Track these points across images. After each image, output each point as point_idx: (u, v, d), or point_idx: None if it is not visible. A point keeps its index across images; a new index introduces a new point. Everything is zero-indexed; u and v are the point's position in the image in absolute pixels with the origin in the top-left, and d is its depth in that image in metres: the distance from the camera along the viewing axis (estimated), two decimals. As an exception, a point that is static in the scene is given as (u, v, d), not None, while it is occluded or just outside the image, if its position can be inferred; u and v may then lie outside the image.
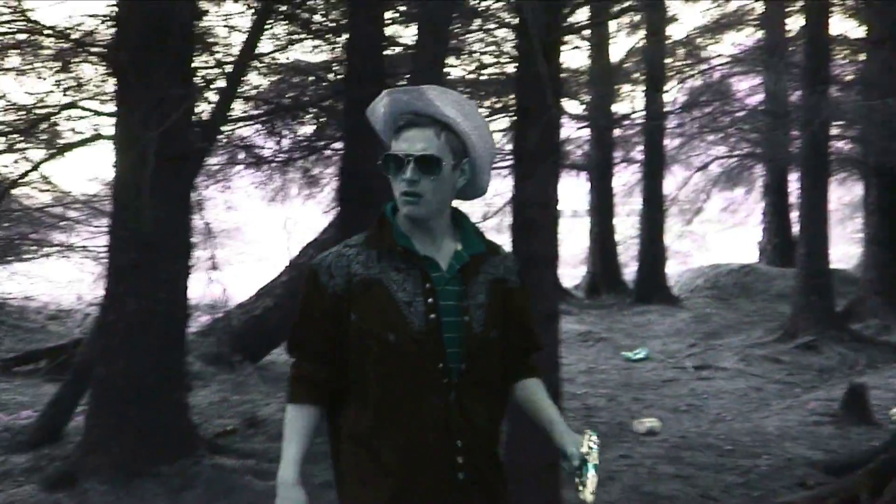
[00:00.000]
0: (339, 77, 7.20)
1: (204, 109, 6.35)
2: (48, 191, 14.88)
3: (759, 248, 17.60)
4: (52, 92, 6.84)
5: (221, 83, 6.23)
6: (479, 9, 7.19)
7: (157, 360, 5.79)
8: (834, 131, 11.96)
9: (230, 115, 6.33)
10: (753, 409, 8.56)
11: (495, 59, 10.42)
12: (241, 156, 7.73)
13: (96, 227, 15.40)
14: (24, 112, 7.30)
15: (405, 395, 2.20)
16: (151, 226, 5.49)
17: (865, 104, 10.46)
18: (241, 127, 6.89)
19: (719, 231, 21.12)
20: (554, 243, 4.79)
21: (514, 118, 4.87)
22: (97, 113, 6.00)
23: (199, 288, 6.41)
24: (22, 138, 6.40)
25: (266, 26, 6.28)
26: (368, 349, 2.21)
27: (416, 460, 2.20)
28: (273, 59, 7.02)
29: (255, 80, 7.15)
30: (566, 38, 5.55)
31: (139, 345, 5.69)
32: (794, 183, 17.61)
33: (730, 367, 10.34)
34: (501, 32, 10.09)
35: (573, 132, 15.92)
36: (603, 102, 14.36)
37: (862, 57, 12.69)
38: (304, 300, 2.32)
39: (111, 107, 6.41)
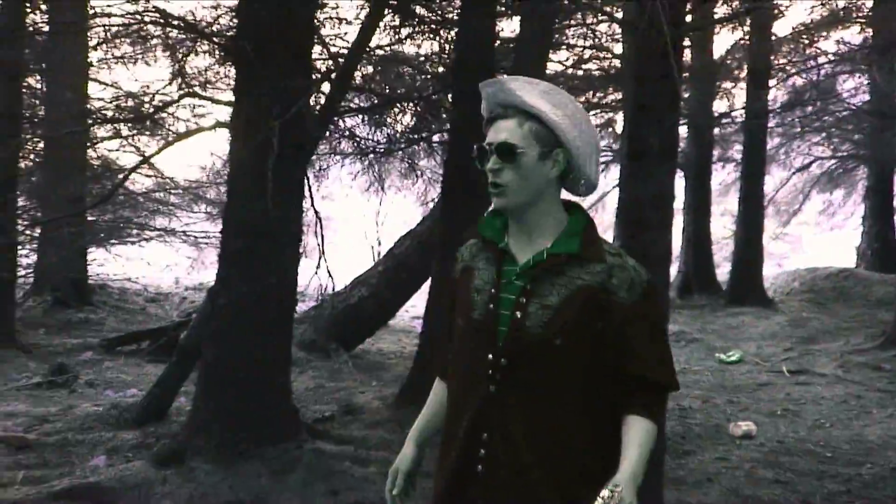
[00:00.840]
0: (446, 69, 7.24)
1: (318, 100, 6.45)
2: (151, 176, 15.40)
3: (858, 253, 17.09)
4: (168, 82, 7.02)
5: (334, 74, 6.31)
6: (584, 2, 7.13)
7: (265, 344, 5.92)
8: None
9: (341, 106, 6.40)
10: (853, 417, 8.33)
11: (595, 55, 10.38)
12: (342, 145, 7.82)
13: (196, 212, 15.88)
14: (137, 101, 7.55)
15: (462, 378, 2.28)
16: (269, 212, 5.62)
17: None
18: (347, 117, 6.98)
19: (816, 233, 20.60)
20: (668, 244, 4.74)
21: (630, 116, 4.80)
22: (214, 101, 6.15)
23: (304, 276, 6.53)
24: (136, 127, 6.58)
25: (380, 19, 6.34)
26: (453, 334, 2.36)
27: (450, 444, 2.29)
28: (384, 50, 7.10)
29: (364, 70, 7.23)
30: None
31: (248, 329, 5.83)
32: (897, 186, 17.11)
33: (828, 372, 10.09)
34: (602, 27, 10.07)
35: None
36: (703, 100, 14.12)
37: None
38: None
39: (226, 96, 6.60)
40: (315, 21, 6.00)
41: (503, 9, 7.61)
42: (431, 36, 7.09)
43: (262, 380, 5.91)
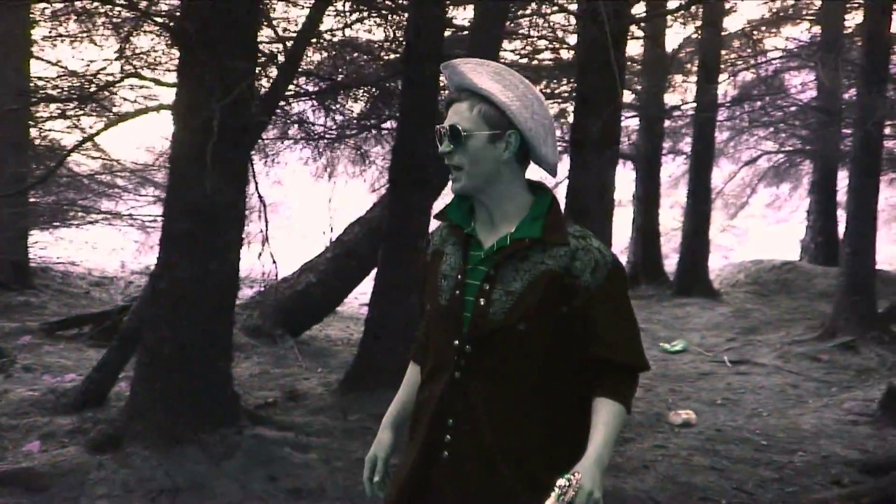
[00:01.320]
0: (396, 56, 7.21)
1: (263, 83, 6.38)
2: (98, 158, 15.14)
3: (802, 246, 17.40)
4: (110, 61, 6.90)
5: (282, 58, 6.25)
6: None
7: (205, 328, 5.86)
8: (887, 130, 11.80)
9: (287, 90, 6.34)
10: (790, 406, 8.50)
11: (549, 45, 10.41)
12: (292, 131, 7.76)
13: (143, 195, 15.66)
14: (80, 80, 7.40)
15: (432, 363, 2.30)
16: (211, 196, 5.57)
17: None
18: (294, 102, 6.92)
19: (762, 227, 20.93)
20: (608, 232, 4.78)
21: (574, 105, 4.82)
22: (158, 83, 6.06)
23: (248, 261, 6.47)
24: (79, 106, 6.47)
25: (329, 3, 6.29)
26: (427, 315, 2.36)
27: (417, 430, 2.31)
28: (332, 35, 7.04)
29: (312, 55, 7.17)
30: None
31: (188, 313, 5.77)
32: (842, 181, 17.41)
33: (768, 363, 10.27)
34: (557, 18, 10.10)
35: (622, 121, 15.88)
36: (655, 92, 14.25)
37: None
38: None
39: (170, 77, 6.50)
40: (261, 3, 5.91)
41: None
42: (382, 21, 7.04)
43: (201, 365, 5.85)
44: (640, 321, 9.47)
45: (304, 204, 16.79)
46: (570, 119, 15.29)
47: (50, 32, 9.68)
